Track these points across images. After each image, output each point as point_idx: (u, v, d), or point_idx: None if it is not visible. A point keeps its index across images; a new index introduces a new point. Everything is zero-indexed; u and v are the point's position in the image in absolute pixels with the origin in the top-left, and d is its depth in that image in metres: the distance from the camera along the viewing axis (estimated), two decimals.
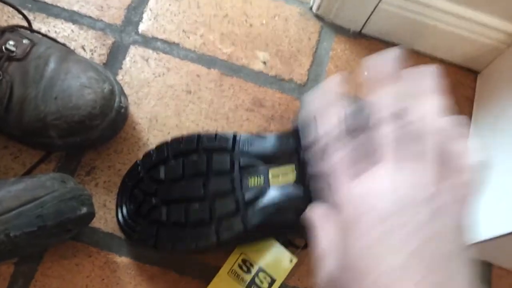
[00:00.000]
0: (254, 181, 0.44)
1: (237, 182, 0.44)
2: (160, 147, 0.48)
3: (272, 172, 0.44)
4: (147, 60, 0.57)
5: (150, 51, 0.58)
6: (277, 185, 0.44)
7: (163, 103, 0.56)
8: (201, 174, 0.45)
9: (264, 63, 0.59)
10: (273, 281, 0.48)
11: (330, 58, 0.61)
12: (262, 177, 0.44)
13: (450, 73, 0.63)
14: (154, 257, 0.49)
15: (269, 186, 0.44)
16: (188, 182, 0.45)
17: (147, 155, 0.48)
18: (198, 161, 0.46)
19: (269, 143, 0.45)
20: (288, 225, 0.47)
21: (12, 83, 0.46)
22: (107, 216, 0.50)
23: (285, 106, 0.58)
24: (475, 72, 0.64)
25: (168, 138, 0.53)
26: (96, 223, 0.49)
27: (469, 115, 0.62)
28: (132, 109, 0.54)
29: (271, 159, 0.45)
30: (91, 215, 0.44)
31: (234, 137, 0.46)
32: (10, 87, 0.46)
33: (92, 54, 0.56)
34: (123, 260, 0.49)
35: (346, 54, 0.62)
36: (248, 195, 0.44)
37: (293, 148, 0.44)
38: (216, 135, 0.47)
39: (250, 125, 0.56)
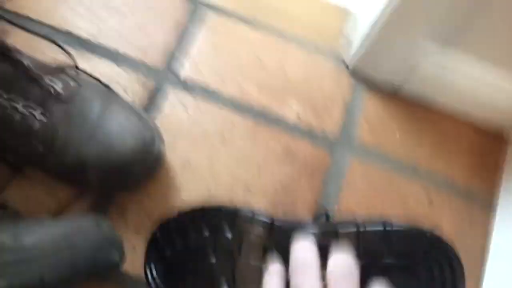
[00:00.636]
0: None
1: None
2: (194, 211, 0.46)
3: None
4: (185, 105, 0.59)
5: (189, 97, 0.59)
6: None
7: (197, 148, 0.57)
8: (233, 255, 0.44)
9: (298, 115, 0.60)
10: None
11: (362, 115, 0.62)
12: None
13: (481, 139, 0.64)
14: None
15: None
16: (218, 259, 0.45)
17: (181, 214, 0.47)
18: (231, 241, 0.45)
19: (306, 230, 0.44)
20: None
21: (56, 125, 0.47)
22: (135, 259, 0.50)
23: (316, 159, 0.59)
24: (505, 139, 0.64)
25: (200, 183, 0.55)
26: (124, 265, 0.50)
27: (498, 182, 0.62)
28: (167, 152, 0.55)
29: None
30: (122, 262, 0.45)
31: (272, 224, 0.44)
32: (55, 129, 0.47)
33: (133, 96, 0.58)
34: None
35: (378, 112, 0.63)
36: None
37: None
38: (253, 216, 0.45)
39: (280, 176, 0.57)
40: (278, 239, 0.44)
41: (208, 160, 0.57)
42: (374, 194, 0.58)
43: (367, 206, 0.58)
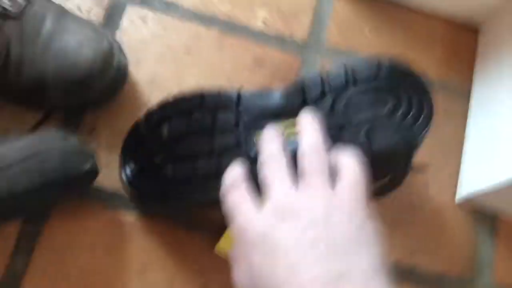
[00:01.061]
0: (259, 137, 0.44)
1: (242, 138, 0.44)
2: (162, 105, 0.47)
3: (283, 124, 0.44)
4: (144, 20, 0.56)
5: (148, 11, 0.57)
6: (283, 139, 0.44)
7: (162, 64, 0.55)
8: (206, 132, 0.45)
9: (264, 21, 0.59)
10: None
11: (331, 17, 0.60)
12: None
13: (452, 30, 0.63)
14: (160, 214, 0.49)
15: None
16: (192, 139, 0.45)
17: (149, 113, 0.47)
18: (202, 119, 0.45)
19: (274, 99, 0.45)
20: None
21: (8, 43, 0.45)
22: (111, 175, 0.50)
23: (287, 65, 0.58)
24: (476, 30, 0.63)
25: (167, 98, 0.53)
26: (100, 182, 0.49)
27: (471, 71, 0.61)
28: (131, 70, 0.54)
29: (277, 115, 0.44)
30: (95, 172, 0.44)
31: (239, 94, 0.46)
32: (7, 47, 0.45)
33: (88, 14, 0.55)
34: (130, 218, 0.49)
35: (346, 12, 0.61)
36: (253, 151, 0.43)
37: (300, 102, 0.44)
38: (219, 92, 0.46)
39: (251, 85, 0.56)
40: (247, 106, 0.45)
41: (175, 74, 0.55)
42: None
43: None
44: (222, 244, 0.48)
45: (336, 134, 0.42)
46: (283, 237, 0.31)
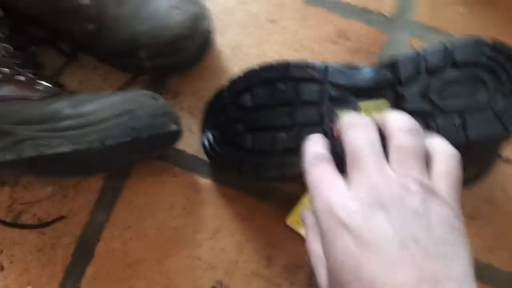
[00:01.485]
0: (344, 114, 0.43)
1: (326, 114, 0.43)
2: (247, 74, 0.47)
3: (364, 105, 0.43)
4: None
5: None
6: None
7: (246, 32, 0.55)
8: (289, 104, 0.44)
9: None
10: None
11: None
12: (352, 110, 0.42)
13: None
14: (235, 181, 0.50)
15: None
16: (275, 110, 0.45)
17: (233, 81, 0.47)
18: (286, 90, 0.44)
19: (362, 75, 0.43)
20: None
21: (104, 3, 0.47)
22: (191, 139, 0.51)
23: (372, 39, 0.56)
24: None
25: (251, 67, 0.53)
26: (181, 145, 0.51)
27: None
28: (216, 37, 0.54)
29: (364, 92, 0.43)
30: (179, 133, 0.45)
31: (326, 67, 0.44)
32: (103, 6, 0.47)
33: None
34: (206, 181, 0.50)
35: None
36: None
37: (389, 82, 0.42)
38: (306, 64, 0.45)
39: (334, 58, 0.55)
40: (333, 80, 0.43)
41: (258, 43, 0.55)
42: None
43: None
44: (294, 216, 0.48)
45: (428, 118, 0.40)
46: (380, 228, 0.27)
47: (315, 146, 0.34)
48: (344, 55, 0.55)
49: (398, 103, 0.41)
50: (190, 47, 0.48)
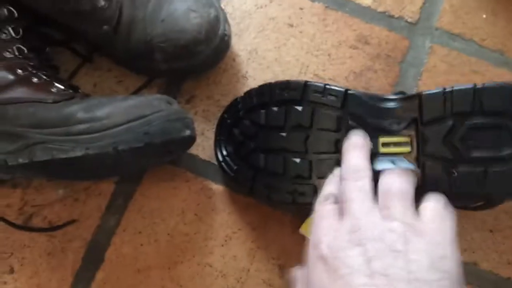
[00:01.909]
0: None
1: (341, 144, 0.40)
2: (262, 90, 0.45)
3: (383, 139, 0.40)
4: None
5: None
6: (387, 154, 0.40)
7: (264, 35, 0.54)
8: (304, 128, 0.42)
9: None
10: None
11: None
12: (371, 143, 0.40)
13: None
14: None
15: (378, 154, 0.40)
16: (289, 133, 0.43)
17: (248, 94, 0.46)
18: (302, 113, 0.42)
19: (385, 108, 0.40)
20: None
21: (121, 4, 0.46)
22: (205, 144, 0.50)
23: (393, 45, 0.54)
24: None
25: (268, 72, 0.52)
26: (194, 150, 0.50)
27: None
28: (233, 40, 0.53)
29: (384, 126, 0.40)
30: (192, 138, 0.44)
31: (346, 93, 0.41)
32: (120, 8, 0.46)
33: None
34: (218, 187, 0.49)
35: None
36: None
37: (413, 119, 0.39)
38: (325, 87, 0.42)
39: (353, 63, 0.53)
40: (353, 108, 0.41)
41: (276, 47, 0.54)
42: (458, 80, 0.53)
43: None
44: (308, 225, 0.47)
45: (449, 164, 0.37)
46: (352, 260, 0.30)
47: (329, 185, 0.37)
48: (363, 60, 0.53)
49: (419, 143, 0.39)
50: (206, 50, 0.47)
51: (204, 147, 0.50)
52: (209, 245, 0.48)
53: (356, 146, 0.38)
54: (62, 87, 0.44)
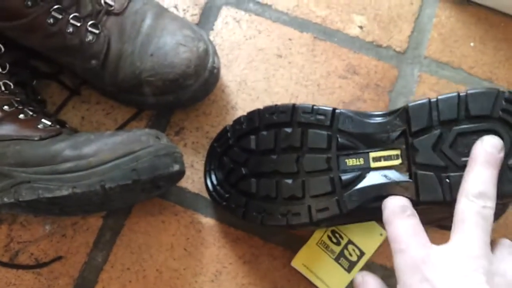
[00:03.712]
0: (352, 162, 0.41)
1: (333, 162, 0.41)
2: (251, 115, 0.45)
3: (373, 154, 0.40)
4: (238, 22, 0.55)
5: (242, 13, 0.56)
6: (379, 169, 0.40)
7: (253, 66, 0.54)
8: (295, 149, 0.42)
9: (361, 27, 0.56)
10: (362, 254, 0.46)
11: (433, 26, 0.56)
12: (362, 159, 0.40)
13: None
14: (239, 221, 0.48)
15: (369, 169, 0.40)
16: (280, 156, 0.43)
17: (237, 121, 0.46)
18: (291, 135, 0.42)
19: (372, 123, 0.41)
20: None
21: (109, 38, 0.46)
22: (194, 177, 0.50)
23: (381, 74, 0.54)
24: None
25: (257, 103, 0.52)
26: (183, 183, 0.49)
27: None
28: (222, 71, 0.53)
29: (374, 141, 0.40)
30: (182, 173, 0.43)
31: (334, 112, 0.42)
32: (108, 42, 0.46)
33: (184, 13, 0.55)
34: (208, 221, 0.49)
35: (451, 21, 0.56)
36: (345, 177, 0.40)
37: (401, 131, 0.39)
38: (313, 107, 0.42)
39: (342, 93, 0.53)
40: (341, 126, 0.41)
41: (265, 78, 0.54)
42: None
43: None
44: (300, 258, 0.47)
45: (441, 172, 0.37)
46: None
47: (399, 199, 0.37)
48: (353, 90, 0.54)
49: (409, 154, 0.39)
50: (195, 84, 0.47)
51: (194, 179, 0.50)
52: (199, 280, 0.47)
53: (490, 160, 0.35)
54: (49, 122, 0.43)
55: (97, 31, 0.45)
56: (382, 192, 0.39)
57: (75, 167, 0.39)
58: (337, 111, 0.42)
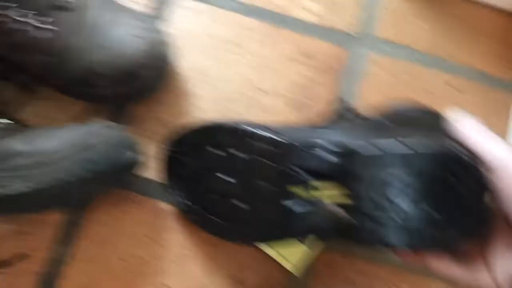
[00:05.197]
0: (298, 191, 0.40)
1: (280, 189, 0.40)
2: (199, 130, 0.45)
3: (317, 185, 0.39)
4: (192, 11, 0.56)
5: (196, 2, 0.56)
6: (324, 201, 0.39)
7: (207, 54, 0.55)
8: (244, 172, 0.42)
9: (312, 12, 0.57)
10: None
11: (380, 7, 0.58)
12: (308, 190, 0.39)
13: (502, 20, 0.59)
14: None
15: (316, 201, 0.39)
16: (229, 176, 0.43)
17: (185, 133, 0.46)
18: (241, 159, 0.42)
19: (317, 157, 0.39)
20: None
21: (59, 32, 0.46)
22: (152, 165, 0.50)
23: (334, 57, 0.56)
24: None
25: (214, 90, 0.53)
26: (142, 171, 0.49)
27: None
28: (177, 60, 0.53)
29: (318, 174, 0.39)
30: (138, 161, 0.44)
31: (286, 143, 0.40)
32: (58, 37, 0.45)
33: (137, 4, 0.55)
34: (170, 207, 0.49)
35: (397, 1, 0.58)
36: (290, 203, 0.40)
37: (342, 170, 0.38)
38: (261, 133, 0.41)
39: (297, 77, 0.54)
40: (294, 158, 0.40)
41: (222, 66, 0.54)
42: (397, 88, 0.55)
43: (390, 99, 0.55)
44: None
45: (374, 220, 0.36)
46: None
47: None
48: (306, 73, 0.55)
49: (349, 194, 0.38)
50: (150, 74, 0.47)
51: (152, 167, 0.50)
52: (164, 266, 0.48)
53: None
54: (1, 120, 0.43)
55: (45, 26, 0.45)
56: (325, 229, 0.39)
57: (30, 162, 0.39)
58: (284, 135, 0.40)
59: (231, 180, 0.43)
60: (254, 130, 0.41)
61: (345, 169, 0.38)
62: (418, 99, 0.54)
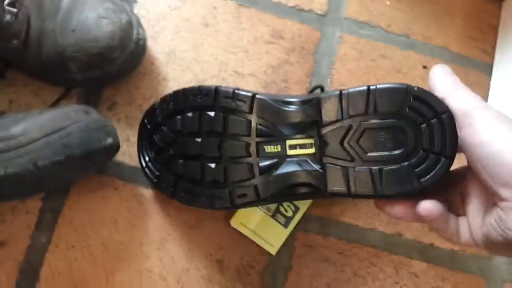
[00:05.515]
0: (270, 149, 0.42)
1: (252, 148, 0.42)
2: (176, 96, 0.45)
3: (290, 142, 0.41)
4: None
5: None
6: (295, 156, 0.41)
7: (180, 37, 0.55)
8: (217, 134, 0.43)
9: None
10: (297, 209, 0.49)
11: None
12: (279, 146, 0.41)
13: (473, 1, 0.61)
14: None
15: (286, 156, 0.41)
16: (204, 139, 0.43)
17: (164, 100, 0.46)
18: (214, 119, 0.43)
19: (288, 110, 0.41)
20: (301, 198, 0.47)
21: (29, 16, 0.45)
22: (131, 150, 0.50)
23: (305, 37, 0.56)
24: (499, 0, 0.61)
25: (188, 72, 0.53)
26: (120, 157, 0.50)
27: (494, 43, 0.60)
28: (150, 44, 0.53)
29: (290, 128, 0.41)
30: (116, 146, 0.44)
31: (253, 98, 0.42)
32: (27, 20, 0.45)
33: None
34: (149, 192, 0.50)
35: None
36: (263, 163, 0.41)
37: (313, 120, 0.40)
38: (234, 92, 0.42)
39: (270, 58, 0.55)
40: (260, 113, 0.42)
41: (193, 47, 0.54)
42: (368, 66, 0.57)
43: (362, 79, 0.56)
44: (238, 218, 0.49)
45: (344, 168, 0.38)
46: None
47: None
48: (279, 54, 0.55)
49: (320, 145, 0.40)
50: (122, 56, 0.47)
51: (131, 153, 0.50)
52: (145, 250, 0.49)
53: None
54: None
55: (15, 10, 0.44)
56: (294, 180, 0.40)
57: (5, 147, 0.39)
58: (257, 96, 0.42)
59: (198, 140, 0.43)
60: (228, 89, 0.43)
61: (312, 119, 0.40)
62: (391, 80, 0.56)
